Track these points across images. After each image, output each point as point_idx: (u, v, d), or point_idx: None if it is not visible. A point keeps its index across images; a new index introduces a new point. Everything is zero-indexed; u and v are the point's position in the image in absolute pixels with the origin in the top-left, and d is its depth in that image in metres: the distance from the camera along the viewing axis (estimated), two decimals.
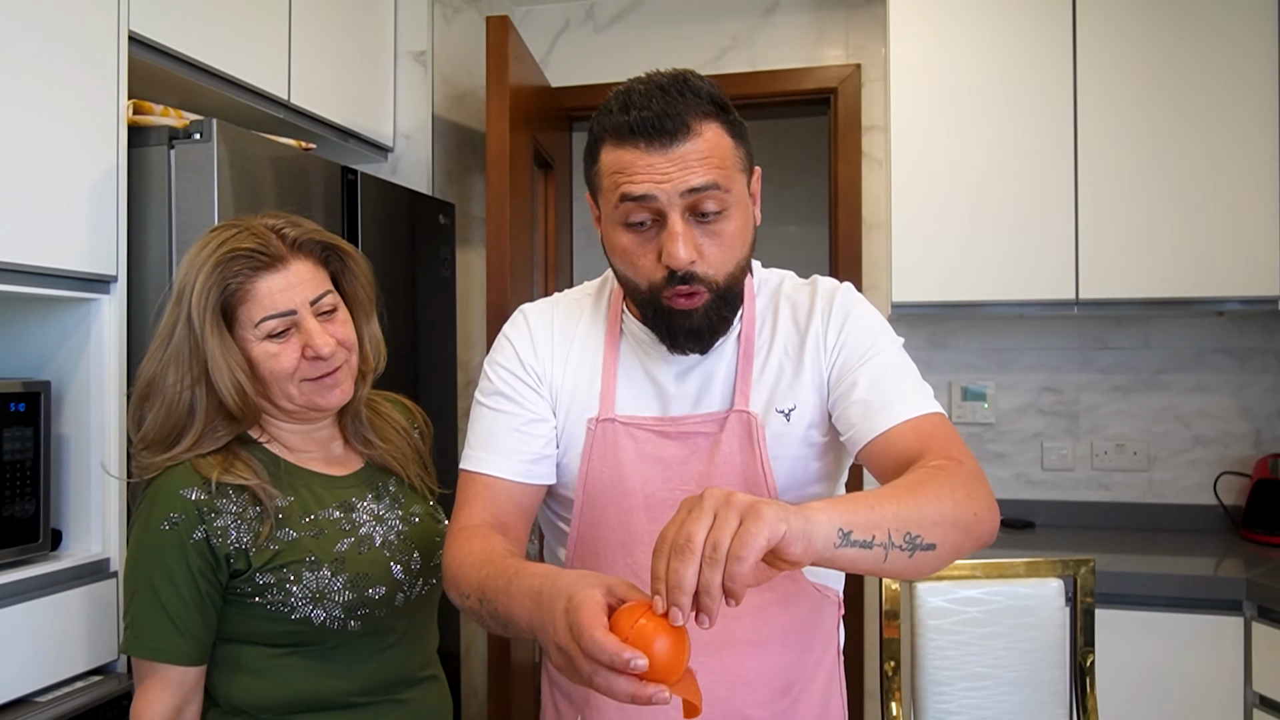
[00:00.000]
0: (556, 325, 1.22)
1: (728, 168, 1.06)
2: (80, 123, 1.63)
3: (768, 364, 1.18)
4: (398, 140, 2.77)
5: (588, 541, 1.18)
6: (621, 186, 1.04)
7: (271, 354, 1.18)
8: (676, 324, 1.09)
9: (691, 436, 1.16)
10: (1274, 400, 2.86)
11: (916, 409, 1.10)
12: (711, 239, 1.06)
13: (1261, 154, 2.51)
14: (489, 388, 1.20)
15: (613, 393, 1.17)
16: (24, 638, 1.49)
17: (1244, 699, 2.24)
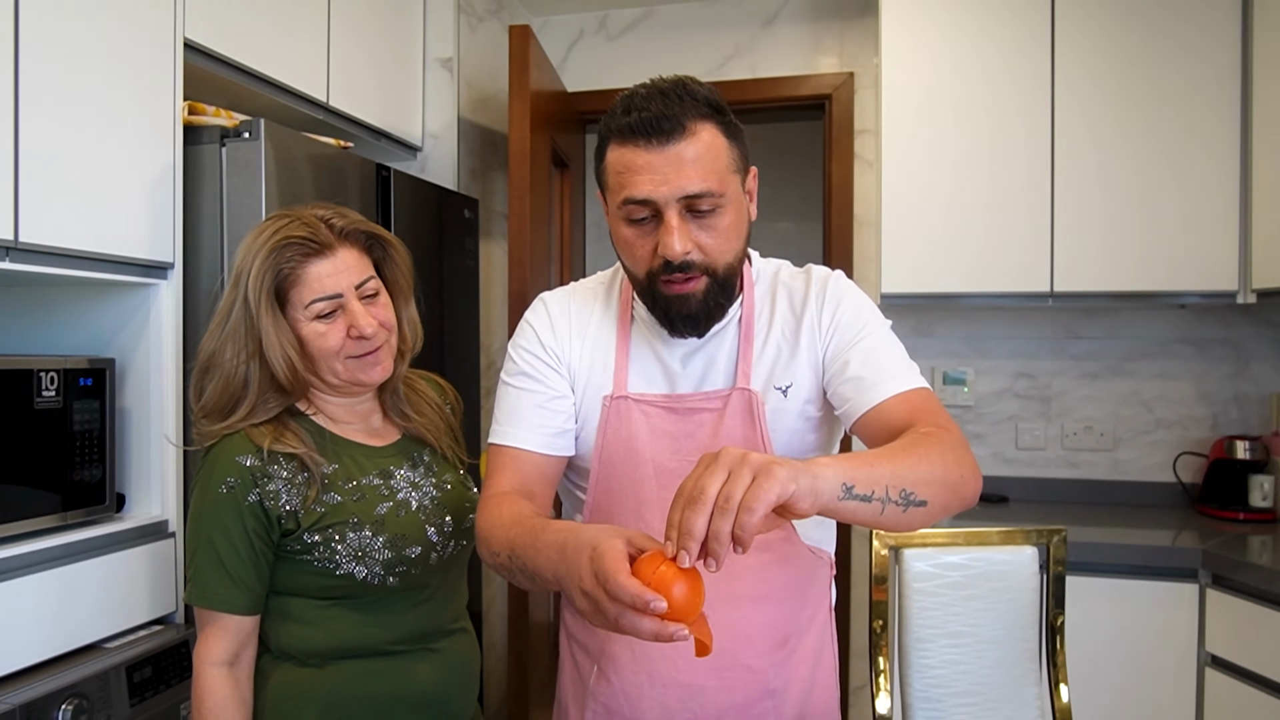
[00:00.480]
0: (573, 311, 1.23)
1: (721, 168, 1.07)
2: (141, 123, 1.65)
3: (766, 345, 1.19)
4: (426, 140, 2.78)
5: (602, 508, 1.20)
6: (625, 189, 1.06)
7: (320, 333, 1.20)
8: (674, 309, 1.11)
9: (697, 412, 1.17)
10: (1230, 387, 2.88)
11: (906, 384, 1.12)
12: (707, 232, 1.08)
13: (1222, 161, 2.52)
14: (513, 369, 1.22)
15: (625, 372, 1.19)
16: (93, 590, 1.52)
17: (1197, 658, 2.27)
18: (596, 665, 1.23)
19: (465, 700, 1.33)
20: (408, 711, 1.23)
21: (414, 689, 1.24)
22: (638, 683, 1.19)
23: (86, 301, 1.73)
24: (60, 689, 1.37)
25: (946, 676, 1.60)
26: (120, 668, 1.47)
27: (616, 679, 1.21)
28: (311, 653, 1.20)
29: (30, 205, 1.43)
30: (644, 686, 1.19)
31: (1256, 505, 2.63)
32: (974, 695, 1.61)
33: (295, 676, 1.21)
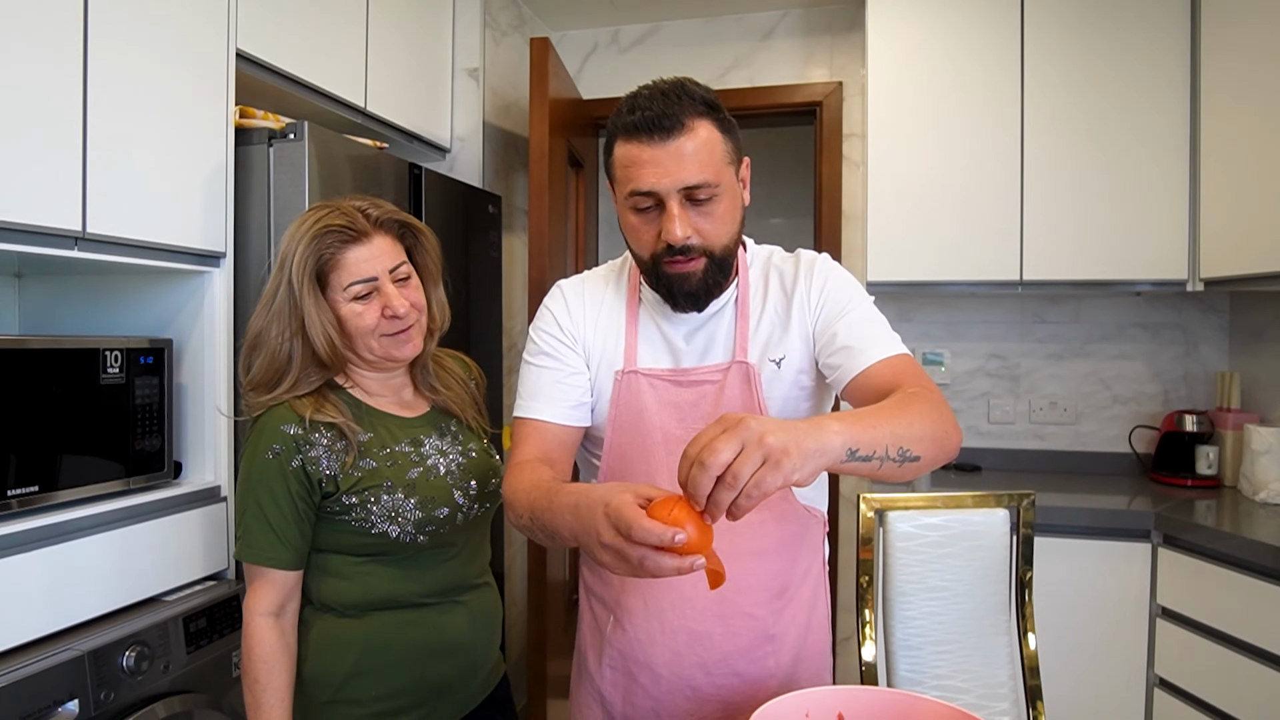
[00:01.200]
0: (587, 295, 1.23)
1: (717, 160, 1.06)
2: (197, 126, 1.62)
3: (761, 323, 1.18)
4: (454, 142, 2.74)
5: (616, 473, 1.18)
6: (631, 182, 1.05)
7: (357, 313, 1.19)
8: (676, 287, 1.10)
9: (700, 384, 1.16)
10: (1180, 366, 2.84)
11: (890, 350, 1.11)
12: (704, 218, 1.07)
13: (1173, 163, 2.49)
14: (534, 349, 1.20)
15: (634, 349, 1.18)
16: (153, 549, 1.50)
17: (1149, 610, 2.25)
18: (613, 616, 1.22)
19: (489, 648, 1.31)
20: (437, 657, 1.22)
21: (443, 637, 1.22)
22: (650, 630, 1.18)
23: (147, 287, 1.70)
24: (124, 637, 1.35)
25: (926, 627, 1.57)
26: (178, 619, 1.46)
27: (631, 628, 1.20)
28: (349, 604, 1.19)
29: (97, 199, 1.40)
30: (655, 634, 1.18)
31: (1202, 473, 2.60)
32: (950, 644, 1.58)
33: (335, 626, 1.19)
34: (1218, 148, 2.40)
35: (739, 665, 1.19)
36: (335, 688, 1.18)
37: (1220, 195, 2.40)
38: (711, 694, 1.18)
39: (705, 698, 1.18)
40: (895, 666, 1.58)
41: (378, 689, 1.18)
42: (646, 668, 1.19)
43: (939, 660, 1.57)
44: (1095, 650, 2.28)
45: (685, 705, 1.19)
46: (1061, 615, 2.27)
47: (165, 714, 1.38)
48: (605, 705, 1.23)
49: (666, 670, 1.18)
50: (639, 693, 1.20)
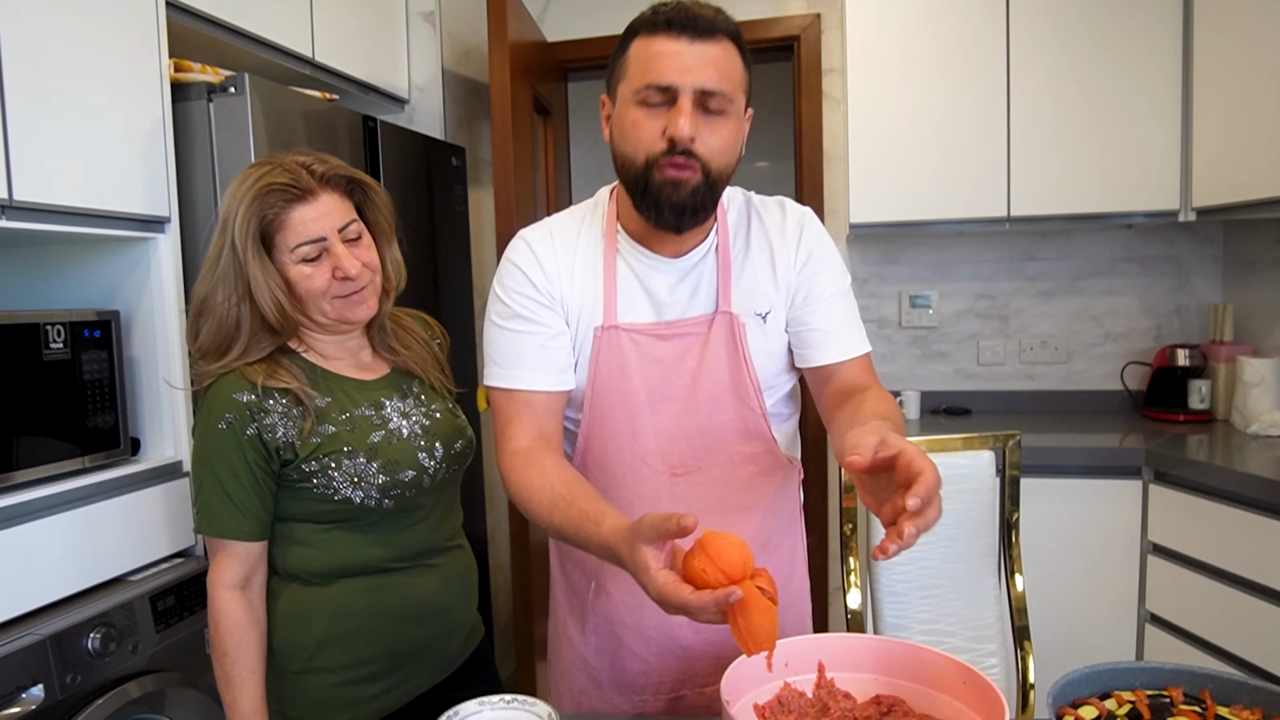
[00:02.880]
0: (558, 247, 1.17)
1: (735, 80, 1.06)
2: (130, 83, 1.58)
3: (745, 271, 1.17)
4: (412, 92, 2.69)
5: (597, 436, 1.17)
6: (648, 75, 1.04)
7: (306, 275, 1.17)
8: (665, 196, 1.06)
9: (683, 337, 1.15)
10: (1172, 300, 2.86)
11: (862, 346, 1.18)
12: (711, 129, 1.05)
13: (1165, 89, 2.48)
14: (505, 311, 1.16)
15: (614, 303, 1.15)
16: (115, 528, 1.51)
17: (1140, 546, 2.30)
18: (594, 581, 1.23)
19: (464, 611, 1.33)
20: (410, 622, 1.23)
21: (415, 602, 1.24)
22: (636, 591, 1.17)
23: (89, 257, 1.68)
24: (88, 619, 1.36)
25: (912, 572, 1.60)
26: (144, 597, 1.47)
27: (616, 592, 1.21)
28: (317, 572, 1.20)
29: (22, 165, 1.37)
30: (642, 595, 1.18)
31: (1195, 407, 2.64)
32: (936, 588, 1.62)
33: (303, 595, 1.20)
34: (1211, 72, 2.39)
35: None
36: (307, 656, 1.19)
37: (1213, 122, 2.39)
38: (702, 651, 1.20)
39: (696, 655, 1.20)
40: (881, 613, 1.61)
41: (349, 656, 1.20)
42: (634, 630, 1.21)
43: (925, 605, 1.61)
44: (1087, 588, 2.34)
45: (675, 665, 1.21)
46: (1054, 555, 2.32)
47: (138, 693, 1.40)
48: (591, 671, 1.25)
49: (656, 631, 1.20)
50: (627, 656, 1.22)
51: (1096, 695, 0.97)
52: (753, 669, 1.00)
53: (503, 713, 1.00)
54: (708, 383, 1.15)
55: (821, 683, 1.02)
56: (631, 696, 1.23)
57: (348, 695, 1.20)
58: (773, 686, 1.01)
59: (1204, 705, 0.95)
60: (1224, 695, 0.95)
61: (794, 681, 1.02)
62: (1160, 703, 0.95)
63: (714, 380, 1.15)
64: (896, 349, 3.04)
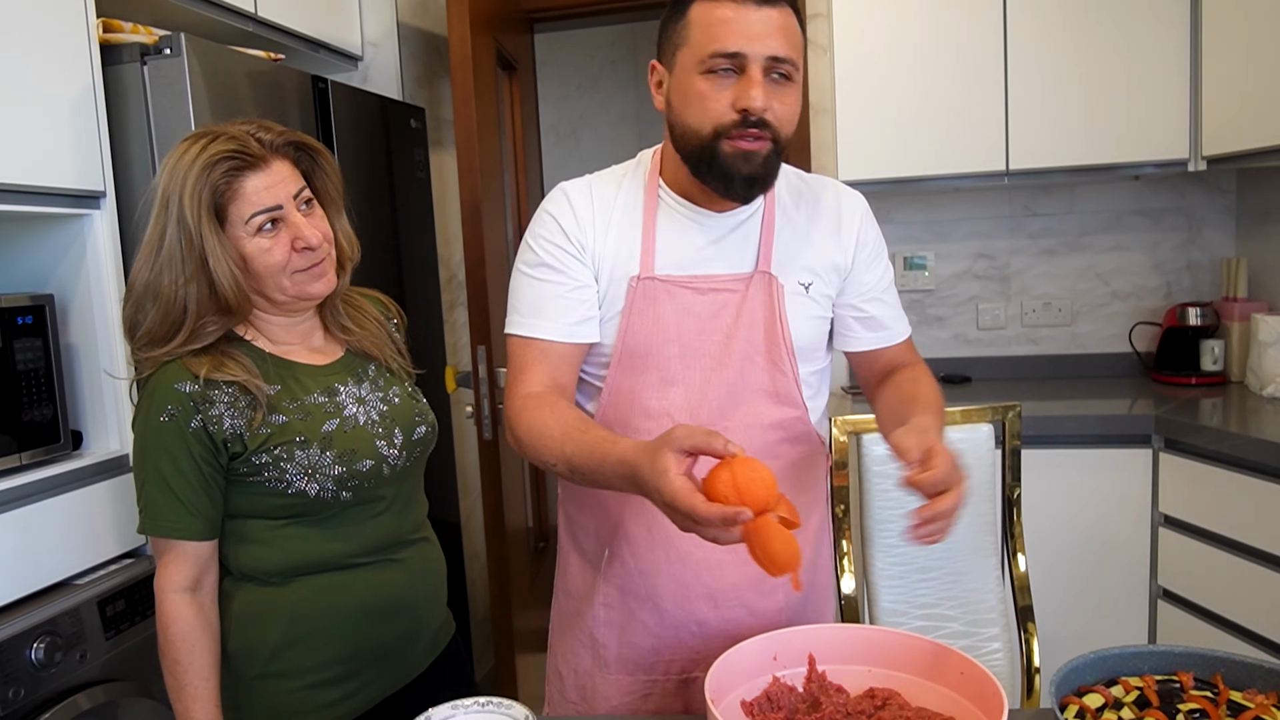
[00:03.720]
0: (596, 198, 1.21)
1: (798, 48, 1.10)
2: (55, 45, 1.54)
3: (792, 238, 1.22)
4: (366, 48, 2.64)
5: (625, 388, 1.20)
6: (716, 41, 1.06)
7: (264, 249, 1.15)
8: (737, 168, 1.10)
9: (720, 293, 1.19)
10: (1182, 255, 2.87)
11: (906, 331, 1.31)
12: (779, 98, 1.09)
13: (1173, 30, 2.46)
14: (533, 259, 1.20)
15: (652, 254, 1.19)
16: (58, 529, 1.49)
17: (1151, 519, 2.33)
18: (608, 550, 1.25)
19: (433, 607, 1.33)
20: (374, 621, 1.23)
21: (380, 599, 1.23)
22: (654, 559, 1.22)
23: (19, 237, 1.64)
24: (30, 628, 1.35)
25: (909, 554, 1.62)
26: (91, 603, 1.45)
27: (632, 558, 1.23)
28: (272, 572, 1.19)
29: None
30: (660, 562, 1.22)
31: (1207, 369, 2.66)
32: (935, 570, 1.63)
33: (258, 596, 1.19)
34: (1221, 12, 2.37)
35: (748, 597, 1.22)
36: (264, 660, 1.19)
37: (1223, 64, 2.38)
38: (718, 629, 1.21)
39: (711, 633, 1.21)
40: (877, 598, 1.63)
41: (311, 659, 1.19)
42: (649, 602, 1.22)
43: (923, 589, 1.62)
44: (1096, 565, 2.36)
45: (690, 642, 1.22)
46: (1061, 531, 2.34)
47: (88, 705, 1.40)
48: (597, 648, 1.26)
49: (671, 603, 1.21)
50: (638, 630, 1.23)
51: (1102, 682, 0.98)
52: (741, 663, 1.00)
53: (477, 715, 1.01)
54: (741, 341, 1.19)
55: (813, 676, 1.03)
56: (639, 676, 1.25)
57: (310, 700, 1.20)
58: (761, 681, 1.02)
59: (1216, 690, 0.96)
60: (1237, 679, 0.97)
61: (783, 675, 1.02)
62: (1170, 688, 0.96)
63: (748, 340, 1.19)
64: None
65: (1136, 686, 0.97)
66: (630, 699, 1.25)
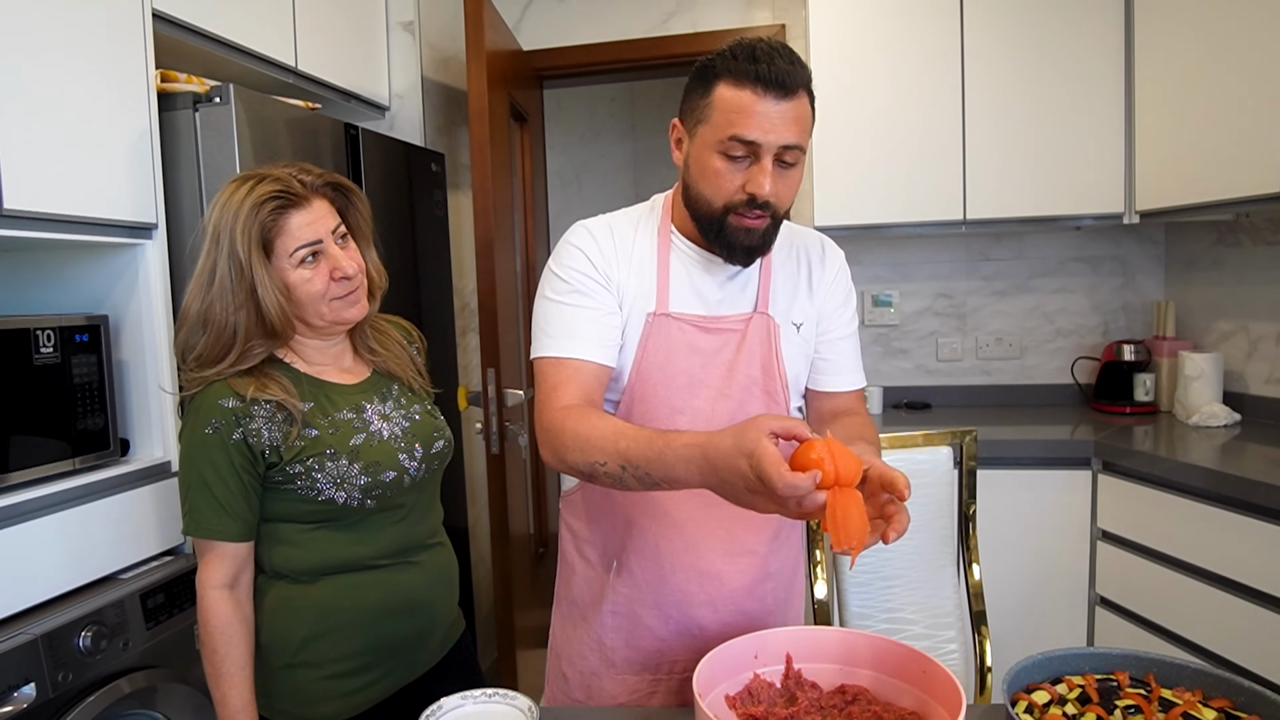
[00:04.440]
0: (616, 236, 1.22)
1: (807, 132, 1.10)
2: (117, 92, 1.56)
3: (784, 283, 1.25)
4: (393, 100, 2.67)
5: (636, 414, 1.20)
6: (735, 128, 1.06)
7: (306, 279, 1.17)
8: (739, 240, 1.12)
9: (724, 332, 1.21)
10: (1118, 298, 2.91)
11: (860, 381, 1.32)
12: (784, 181, 1.10)
13: (1109, 99, 2.52)
14: (563, 287, 1.18)
15: (666, 293, 1.20)
16: (106, 527, 1.48)
17: (1090, 534, 2.34)
18: (615, 561, 1.25)
19: (446, 605, 1.33)
20: (393, 617, 1.23)
21: (399, 597, 1.23)
22: (660, 571, 1.22)
23: (79, 263, 1.65)
24: (79, 618, 1.34)
25: (875, 564, 1.62)
26: (135, 595, 1.44)
27: (640, 570, 1.23)
28: (302, 570, 1.19)
29: (12, 173, 1.34)
30: (666, 574, 1.22)
31: (1140, 400, 2.69)
32: (899, 578, 1.64)
33: (289, 592, 1.19)
34: (1151, 84, 2.43)
35: (743, 602, 1.24)
36: (293, 651, 1.18)
37: (1153, 130, 2.43)
38: (717, 631, 1.23)
39: (710, 635, 1.22)
40: (846, 603, 1.63)
41: (334, 651, 1.19)
42: (655, 609, 1.23)
43: (888, 595, 1.63)
44: (1041, 574, 2.37)
45: (691, 644, 1.23)
46: (1011, 543, 2.35)
47: (129, 689, 1.38)
48: (605, 651, 1.26)
49: (676, 611, 1.22)
50: (644, 635, 1.24)
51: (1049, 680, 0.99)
52: (725, 661, 1.01)
53: (484, 706, 1.01)
54: (741, 374, 1.20)
55: (789, 673, 1.03)
56: (645, 675, 1.25)
57: (333, 688, 1.20)
58: (743, 678, 1.02)
59: (1149, 688, 0.97)
60: (1167, 678, 0.98)
61: (763, 673, 1.02)
62: (1108, 686, 0.97)
63: (747, 373, 1.21)
64: (860, 346, 3.06)
65: (1079, 685, 0.98)
66: (636, 696, 1.25)
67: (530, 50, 3.10)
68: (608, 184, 4.19)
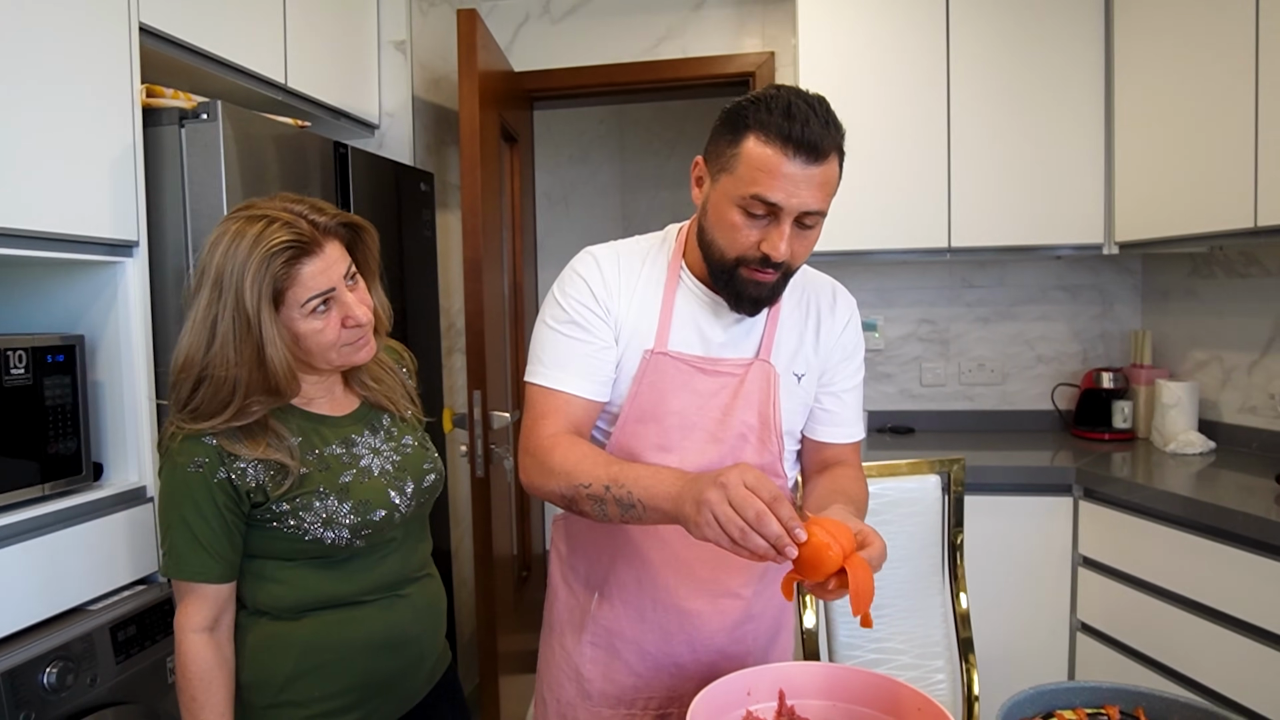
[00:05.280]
0: (623, 268, 1.18)
1: (831, 196, 1.07)
2: (100, 107, 1.50)
3: (790, 332, 1.21)
4: (383, 118, 2.63)
5: (625, 449, 1.17)
6: (759, 186, 1.02)
7: (317, 329, 1.10)
8: (748, 292, 1.10)
9: (723, 375, 1.17)
10: (1097, 326, 2.92)
11: (858, 434, 1.28)
12: (801, 241, 1.07)
13: (1089, 133, 2.54)
14: (562, 316, 1.15)
15: (667, 331, 1.16)
16: (77, 556, 1.41)
17: (1072, 559, 2.33)
18: (598, 593, 1.22)
19: (434, 639, 1.28)
20: (380, 653, 1.17)
21: (387, 633, 1.18)
22: (641, 606, 1.19)
23: (54, 280, 1.58)
24: (45, 653, 1.26)
25: None
26: (104, 628, 1.37)
27: (621, 603, 1.20)
28: (285, 608, 1.13)
29: None
30: (647, 610, 1.19)
31: (1119, 427, 2.69)
32: (888, 607, 1.61)
33: (272, 629, 1.14)
34: (1130, 120, 2.45)
35: (722, 643, 1.21)
36: (276, 691, 1.13)
37: (1133, 164, 2.45)
38: (694, 670, 1.20)
39: (688, 674, 1.19)
40: (835, 633, 1.59)
41: (319, 689, 1.14)
42: (633, 644, 1.19)
43: (877, 625, 1.59)
44: (1022, 601, 2.35)
45: (668, 681, 1.20)
46: (992, 569, 2.33)
47: None
48: (582, 682, 1.22)
49: (654, 648, 1.19)
50: (621, 669, 1.20)
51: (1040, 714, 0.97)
52: (718, 698, 0.97)
53: None
54: (736, 421, 1.16)
55: (782, 710, 1.00)
56: (620, 710, 1.21)
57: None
58: (736, 715, 0.99)
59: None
60: (1156, 712, 0.97)
61: (756, 709, 1.00)
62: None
63: (743, 419, 1.17)
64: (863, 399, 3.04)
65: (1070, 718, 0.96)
66: None
67: (521, 71, 3.07)
68: (596, 205, 4.17)
